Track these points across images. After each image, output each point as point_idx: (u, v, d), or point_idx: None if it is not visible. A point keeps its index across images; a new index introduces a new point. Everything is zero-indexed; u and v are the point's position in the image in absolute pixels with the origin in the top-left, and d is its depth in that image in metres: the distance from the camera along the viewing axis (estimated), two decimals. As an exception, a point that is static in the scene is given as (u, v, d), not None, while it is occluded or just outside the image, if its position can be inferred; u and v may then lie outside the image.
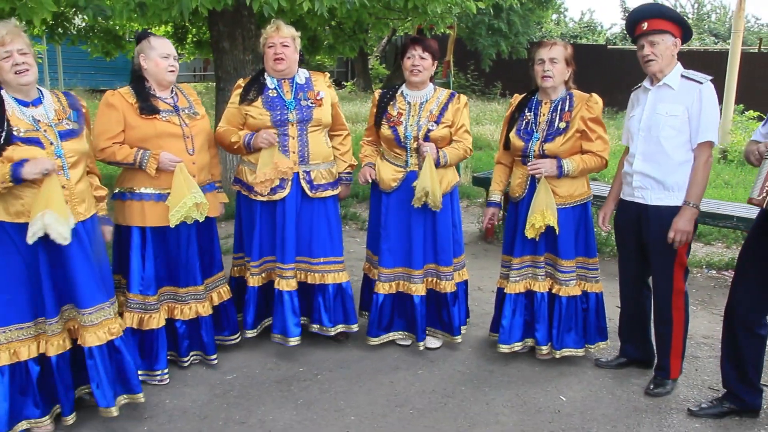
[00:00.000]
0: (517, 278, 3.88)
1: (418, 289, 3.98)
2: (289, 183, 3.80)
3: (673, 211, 3.42)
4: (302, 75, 3.95)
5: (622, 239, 3.74)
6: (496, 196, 4.03)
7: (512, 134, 3.80)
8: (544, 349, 3.87)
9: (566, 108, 3.69)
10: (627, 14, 3.66)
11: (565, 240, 3.74)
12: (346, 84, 22.92)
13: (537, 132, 3.71)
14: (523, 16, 18.38)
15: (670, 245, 3.41)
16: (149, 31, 3.80)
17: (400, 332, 4.13)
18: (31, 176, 2.83)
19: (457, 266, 4.07)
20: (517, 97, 3.91)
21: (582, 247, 3.83)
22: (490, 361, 3.97)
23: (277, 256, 3.88)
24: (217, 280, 3.88)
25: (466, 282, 4.16)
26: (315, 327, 4.00)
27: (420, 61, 3.85)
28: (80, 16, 8.41)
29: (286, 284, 3.87)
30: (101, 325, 3.14)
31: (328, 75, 4.14)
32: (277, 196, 3.80)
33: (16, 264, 2.98)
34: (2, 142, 2.85)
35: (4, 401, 3.01)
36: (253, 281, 3.93)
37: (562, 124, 3.66)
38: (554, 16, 27.14)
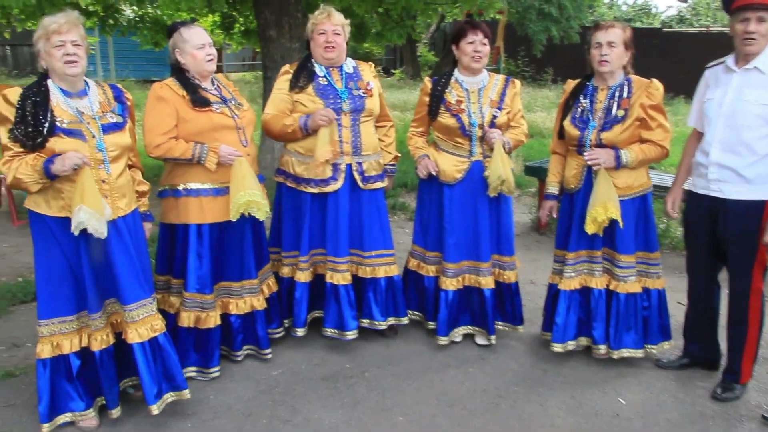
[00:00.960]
0: (572, 274, 3.70)
1: (488, 282, 3.85)
2: (342, 174, 3.70)
3: (754, 206, 3.17)
4: (350, 64, 3.85)
5: (692, 234, 3.51)
6: (554, 188, 3.83)
7: (566, 122, 3.61)
8: (602, 348, 3.69)
9: (624, 94, 3.48)
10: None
11: (624, 234, 3.54)
12: (394, 72, 22.76)
13: (593, 120, 3.51)
14: (574, 0, 17.88)
15: (751, 242, 3.19)
16: (196, 20, 3.68)
17: (466, 327, 4.00)
18: (60, 173, 2.79)
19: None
20: (571, 83, 3.72)
21: (642, 241, 3.63)
22: (543, 359, 3.81)
23: (329, 250, 3.79)
24: (266, 273, 3.81)
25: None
26: (365, 322, 3.89)
27: (482, 47, 3.72)
28: (130, 6, 8.48)
29: (342, 278, 3.79)
30: (143, 322, 3.09)
31: (373, 65, 4.02)
32: (330, 188, 3.70)
33: (58, 258, 2.95)
34: (45, 133, 2.80)
35: (45, 393, 3.00)
36: (303, 276, 3.83)
37: (621, 112, 3.46)
38: (606, 0, 26.43)
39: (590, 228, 3.49)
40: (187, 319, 3.45)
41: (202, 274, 3.43)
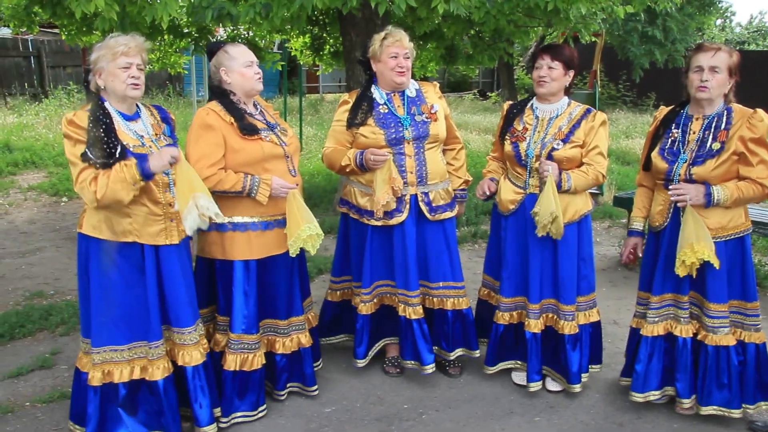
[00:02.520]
0: (656, 318, 3.36)
1: (531, 325, 3.55)
2: (407, 206, 3.52)
3: None
4: (412, 87, 3.65)
5: None
6: (639, 224, 3.50)
7: (655, 153, 3.29)
8: (686, 402, 3.33)
9: (722, 125, 3.14)
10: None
11: (716, 280, 3.19)
12: (490, 95, 22.43)
13: (684, 152, 3.18)
14: (681, 22, 17.06)
15: None
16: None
17: (518, 361, 3.72)
18: (160, 168, 2.77)
19: (583, 306, 3.59)
20: (663, 110, 3.39)
21: (738, 288, 3.25)
22: (620, 411, 3.47)
23: (398, 282, 3.62)
24: (309, 305, 3.65)
25: (595, 324, 3.66)
26: (434, 349, 3.71)
27: (547, 72, 3.43)
28: (221, 28, 8.66)
29: (413, 312, 3.61)
30: (197, 345, 3.07)
31: (438, 85, 3.81)
32: (394, 221, 3.53)
33: (118, 285, 2.90)
34: (117, 156, 2.75)
35: (93, 418, 2.95)
36: (365, 309, 3.67)
37: (716, 145, 3.11)
38: (718, 21, 25.13)
39: (681, 271, 3.14)
40: (233, 363, 3.28)
41: (248, 314, 3.27)
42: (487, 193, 3.63)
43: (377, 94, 3.59)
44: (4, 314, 4.56)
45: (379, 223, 3.54)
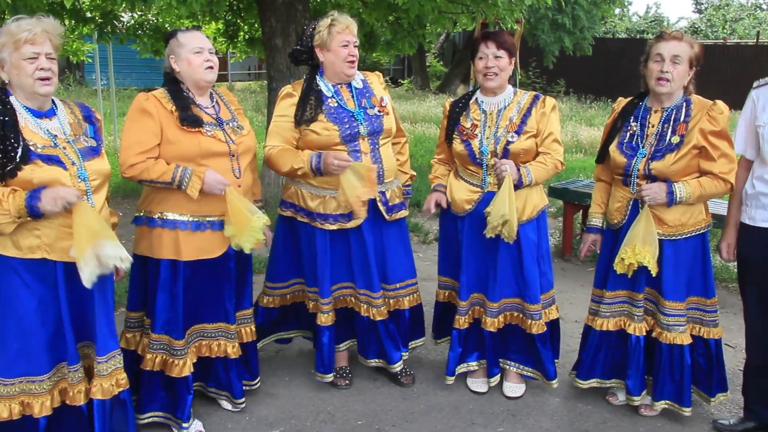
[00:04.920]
0: (607, 314, 3.28)
1: (488, 323, 3.40)
2: (365, 207, 3.25)
3: None
4: (358, 78, 3.37)
5: (754, 277, 3.04)
6: (597, 220, 3.38)
7: (613, 147, 3.16)
8: (636, 399, 3.27)
9: (681, 118, 3.03)
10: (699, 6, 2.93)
11: (673, 277, 3.11)
12: (402, 82, 22.36)
13: (643, 147, 3.06)
14: (588, 11, 17.48)
15: None
16: (198, 28, 3.24)
17: (475, 362, 3.55)
18: (51, 212, 2.37)
19: (545, 303, 3.45)
20: (621, 102, 3.26)
21: (699, 285, 3.18)
22: (583, 416, 3.35)
23: (359, 284, 3.39)
24: (245, 317, 3.32)
25: (554, 321, 3.54)
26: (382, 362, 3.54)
27: (495, 62, 3.22)
28: (129, 13, 8.09)
29: (378, 312, 3.40)
30: (110, 376, 2.68)
31: (381, 75, 3.55)
32: (352, 224, 3.27)
33: (27, 307, 2.49)
34: (18, 160, 2.36)
35: None
36: (325, 319, 3.40)
37: (676, 138, 3.01)
38: (617, 11, 26.00)
39: (618, 267, 3.09)
40: (151, 362, 3.02)
41: (173, 316, 2.99)
42: (433, 210, 3.44)
43: (324, 86, 3.29)
44: None
45: (334, 227, 3.28)
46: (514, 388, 3.52)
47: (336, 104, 3.25)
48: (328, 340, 3.40)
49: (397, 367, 3.48)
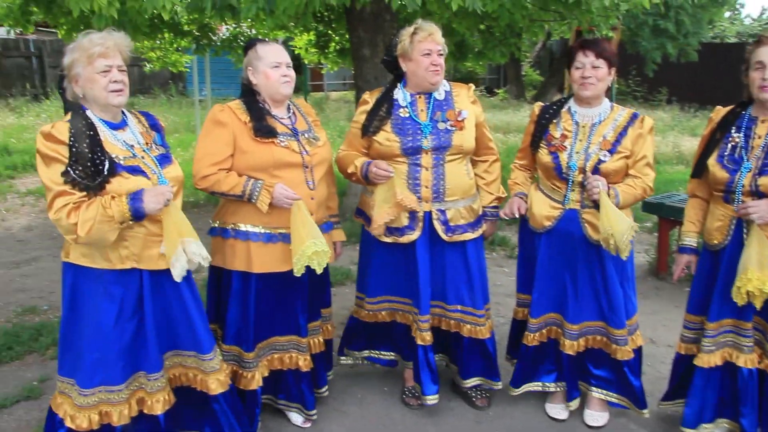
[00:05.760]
0: (713, 347, 2.98)
1: (567, 346, 3.21)
2: (420, 224, 3.14)
3: None
4: (442, 89, 3.24)
5: None
6: (692, 240, 3.11)
7: (712, 161, 2.90)
8: None
9: (793, 128, 2.75)
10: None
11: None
12: (497, 91, 22.06)
13: (748, 160, 2.79)
14: (693, 15, 16.63)
15: None
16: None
17: (553, 383, 3.35)
18: (156, 211, 2.42)
19: (631, 329, 3.22)
20: (720, 111, 2.99)
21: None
22: (671, 450, 3.10)
23: (414, 302, 3.28)
24: (315, 328, 3.28)
25: (640, 349, 3.30)
26: (454, 368, 3.43)
27: (592, 71, 3.03)
28: (223, 26, 8.33)
29: (420, 338, 3.24)
30: (221, 370, 2.77)
31: (473, 87, 3.40)
32: (405, 239, 3.16)
33: (108, 318, 2.53)
34: (106, 173, 2.40)
35: None
36: (361, 314, 3.43)
37: (788, 151, 2.72)
38: (727, 14, 24.67)
39: (738, 299, 2.77)
40: None
41: (243, 328, 3.00)
42: (516, 214, 3.25)
43: (401, 95, 3.21)
44: (-7, 334, 4.22)
45: (389, 239, 3.19)
46: (596, 416, 3.31)
47: (407, 115, 3.16)
48: (359, 332, 3.45)
49: (430, 400, 3.28)
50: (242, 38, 8.71)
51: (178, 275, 2.51)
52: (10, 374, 3.80)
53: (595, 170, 3.02)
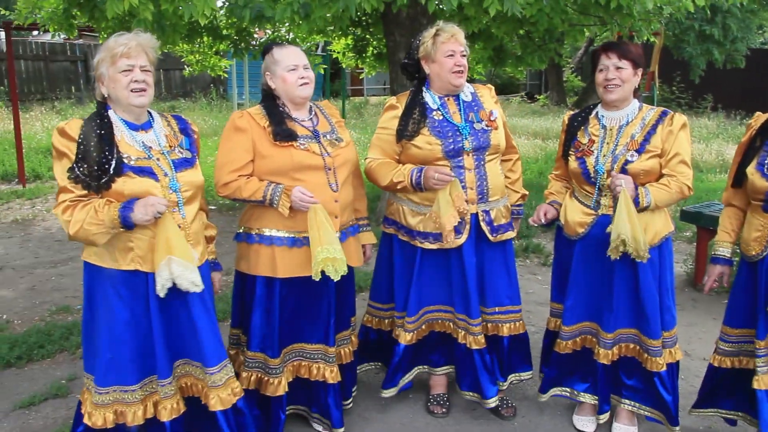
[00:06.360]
0: (764, 368, 2.85)
1: (601, 355, 3.12)
2: (467, 227, 3.10)
3: None
4: (467, 90, 3.22)
5: None
6: (726, 250, 3.01)
7: (751, 169, 2.79)
8: None
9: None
10: None
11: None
12: (538, 97, 21.85)
13: (790, 168, 2.68)
14: (742, 20, 16.20)
15: None
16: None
17: (584, 393, 3.27)
18: (144, 222, 2.40)
19: (669, 342, 3.12)
20: (761, 117, 2.87)
21: None
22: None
23: (458, 308, 3.22)
24: (344, 338, 3.24)
25: (677, 364, 3.20)
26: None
27: (616, 73, 2.96)
28: (262, 30, 8.39)
29: (474, 341, 3.20)
30: (225, 386, 2.68)
31: (492, 88, 3.37)
32: (452, 244, 3.11)
33: (120, 318, 2.53)
34: (112, 172, 2.42)
35: None
36: (407, 338, 3.26)
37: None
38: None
39: None
40: (246, 381, 3.00)
41: (268, 333, 2.96)
42: (543, 221, 3.20)
43: (429, 98, 3.17)
44: (26, 332, 4.30)
45: (434, 246, 3.13)
46: (624, 430, 3.22)
47: (441, 117, 3.12)
48: (400, 358, 3.26)
49: (492, 402, 3.25)
50: (281, 41, 8.77)
51: (159, 290, 2.45)
52: (41, 372, 3.86)
53: (623, 172, 2.94)
